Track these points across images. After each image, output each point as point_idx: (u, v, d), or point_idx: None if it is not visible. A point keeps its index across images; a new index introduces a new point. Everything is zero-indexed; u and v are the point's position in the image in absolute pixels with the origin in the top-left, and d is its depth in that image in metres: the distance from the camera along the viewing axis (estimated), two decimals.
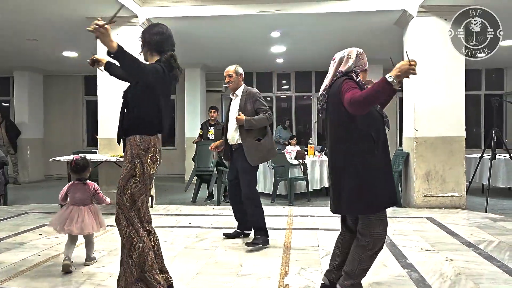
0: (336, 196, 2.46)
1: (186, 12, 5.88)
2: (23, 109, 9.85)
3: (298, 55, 8.78)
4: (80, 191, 3.23)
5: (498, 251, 3.60)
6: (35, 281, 2.95)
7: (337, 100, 2.36)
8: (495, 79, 10.38)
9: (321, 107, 2.47)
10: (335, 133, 2.45)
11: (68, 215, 3.16)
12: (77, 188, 3.24)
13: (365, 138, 2.36)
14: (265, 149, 3.86)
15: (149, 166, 2.40)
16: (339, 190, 2.43)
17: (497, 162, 6.65)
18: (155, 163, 2.43)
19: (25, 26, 6.35)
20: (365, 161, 2.34)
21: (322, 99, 2.47)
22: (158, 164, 2.45)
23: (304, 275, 3.04)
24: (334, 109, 2.41)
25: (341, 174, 2.42)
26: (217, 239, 4.07)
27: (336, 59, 2.52)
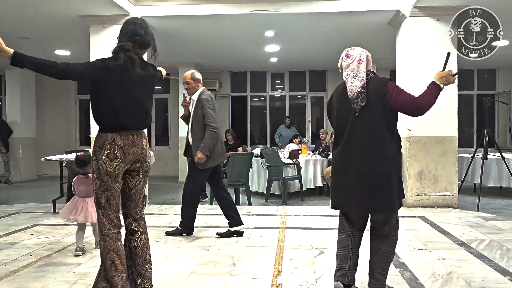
0: (374, 196, 2.41)
1: (179, 11, 5.86)
2: (15, 108, 9.76)
3: (292, 55, 8.79)
4: (84, 183, 3.53)
5: (490, 249, 3.63)
6: (27, 281, 2.92)
7: (379, 99, 2.41)
8: (487, 79, 10.47)
9: (361, 106, 2.41)
10: (376, 132, 2.43)
11: (74, 206, 3.48)
12: (81, 181, 3.56)
13: (398, 137, 2.51)
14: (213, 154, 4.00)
15: (105, 163, 2.33)
16: (381, 190, 2.40)
17: (489, 162, 6.71)
18: (113, 161, 2.33)
19: (17, 24, 6.29)
20: (401, 161, 2.53)
21: (363, 97, 2.41)
22: (118, 161, 2.34)
23: (297, 274, 3.04)
24: (376, 108, 2.41)
25: (386, 174, 2.41)
26: (210, 239, 4.06)
27: (357, 56, 2.50)
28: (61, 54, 8.37)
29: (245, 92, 11.00)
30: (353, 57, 2.51)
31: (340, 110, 2.55)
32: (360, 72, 2.46)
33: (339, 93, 2.57)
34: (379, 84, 2.44)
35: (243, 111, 11.08)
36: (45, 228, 4.58)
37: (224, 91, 10.83)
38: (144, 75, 2.45)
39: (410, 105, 2.40)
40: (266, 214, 5.32)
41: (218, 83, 10.58)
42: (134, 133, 2.41)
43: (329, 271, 3.10)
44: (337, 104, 2.58)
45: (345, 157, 2.50)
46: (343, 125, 2.51)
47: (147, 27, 2.50)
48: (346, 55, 2.54)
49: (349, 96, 2.46)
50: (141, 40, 2.44)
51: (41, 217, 5.23)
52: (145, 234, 2.52)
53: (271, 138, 11.03)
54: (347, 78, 2.49)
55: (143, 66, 2.46)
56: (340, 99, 2.54)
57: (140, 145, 2.43)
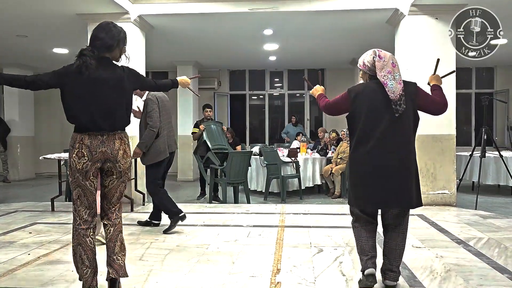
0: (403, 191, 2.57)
1: (178, 9, 5.85)
2: (13, 106, 9.74)
3: (290, 53, 8.78)
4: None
5: (488, 247, 3.64)
6: (25, 280, 2.92)
7: (412, 102, 2.60)
8: (485, 77, 10.48)
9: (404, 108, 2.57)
10: (407, 133, 2.63)
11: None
12: None
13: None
14: (153, 151, 4.26)
15: (74, 161, 2.48)
16: (410, 186, 2.58)
17: (487, 160, 6.72)
18: (81, 159, 2.47)
19: (15, 22, 6.27)
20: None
21: (404, 100, 2.57)
22: (85, 160, 2.47)
23: (296, 272, 3.05)
24: (409, 110, 2.59)
25: (413, 172, 2.63)
26: (209, 237, 4.07)
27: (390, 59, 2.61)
28: (59, 52, 8.35)
29: (244, 90, 10.99)
30: (386, 58, 2.59)
31: (375, 110, 2.58)
32: (396, 75, 2.56)
33: (373, 92, 2.59)
34: (411, 87, 2.63)
35: (242, 109, 11.07)
36: (43, 227, 4.57)
37: (222, 89, 10.82)
38: (107, 77, 2.51)
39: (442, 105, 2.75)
40: (265, 212, 5.32)
41: (217, 82, 10.57)
42: (104, 134, 2.51)
43: (328, 269, 3.11)
44: (370, 104, 2.59)
45: (379, 155, 2.56)
46: (376, 124, 2.56)
47: (110, 29, 2.56)
48: (378, 55, 2.60)
49: (391, 97, 2.53)
50: (101, 44, 2.51)
51: (40, 215, 5.22)
52: (114, 227, 2.61)
53: (270, 137, 11.03)
54: (385, 79, 2.55)
55: (106, 68, 2.52)
56: (375, 99, 2.58)
57: (110, 146, 2.52)
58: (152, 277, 2.96)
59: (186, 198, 7.06)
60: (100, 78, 2.48)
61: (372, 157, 2.57)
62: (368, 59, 2.64)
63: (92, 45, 2.52)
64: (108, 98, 2.52)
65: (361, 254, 2.69)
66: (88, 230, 2.52)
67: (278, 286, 2.79)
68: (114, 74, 2.55)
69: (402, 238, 2.67)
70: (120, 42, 2.59)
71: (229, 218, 4.94)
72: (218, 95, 10.74)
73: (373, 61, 2.61)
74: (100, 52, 2.51)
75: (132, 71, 2.69)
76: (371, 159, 2.57)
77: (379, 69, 2.57)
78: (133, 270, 3.11)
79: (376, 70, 2.58)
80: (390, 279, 2.66)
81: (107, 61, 2.54)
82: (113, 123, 2.55)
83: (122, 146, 2.58)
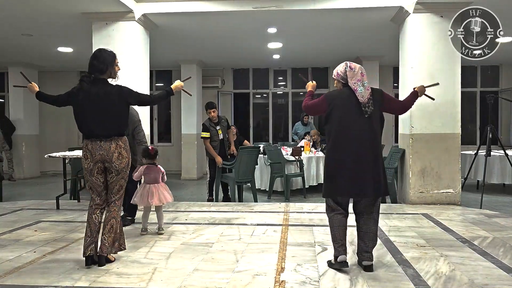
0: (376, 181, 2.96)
1: (181, 7, 5.85)
2: (18, 105, 9.79)
3: (294, 52, 8.77)
4: (154, 171, 4.12)
5: (493, 247, 3.63)
6: (31, 278, 2.94)
7: (378, 104, 3.03)
8: (491, 76, 10.42)
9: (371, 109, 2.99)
10: (376, 130, 3.03)
11: (148, 191, 4.04)
12: (151, 170, 4.11)
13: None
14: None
15: (83, 162, 3.23)
16: (380, 177, 2.97)
17: (492, 159, 6.69)
18: (86, 159, 3.18)
19: (20, 21, 6.30)
20: None
21: (372, 103, 3.00)
22: (88, 161, 3.17)
23: (301, 271, 3.05)
24: (376, 112, 3.02)
25: (381, 164, 3.01)
26: (213, 236, 4.07)
27: (359, 70, 3.04)
28: (63, 51, 8.38)
29: (248, 89, 10.98)
30: (356, 69, 3.03)
31: (348, 111, 3.00)
32: (365, 83, 3.01)
33: (346, 97, 3.02)
34: (377, 93, 3.08)
35: (246, 108, 11.07)
36: (49, 225, 4.60)
37: (226, 88, 10.82)
38: (99, 93, 3.13)
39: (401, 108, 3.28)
40: (269, 211, 5.32)
41: (221, 80, 10.58)
42: (102, 140, 3.15)
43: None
44: (343, 108, 3.02)
45: (356, 150, 2.96)
46: (351, 124, 2.99)
47: (101, 55, 3.21)
48: (349, 67, 3.04)
49: (360, 101, 2.97)
50: (94, 69, 3.18)
51: (45, 213, 5.25)
52: (109, 213, 3.23)
53: (273, 135, 11.03)
54: (356, 86, 2.99)
55: (98, 87, 3.15)
56: (348, 103, 3.01)
57: (106, 149, 3.15)
58: (157, 275, 2.97)
59: (190, 196, 7.08)
60: (93, 95, 3.12)
61: (347, 152, 2.97)
62: (341, 69, 3.08)
63: (89, 71, 3.18)
64: (100, 111, 3.13)
65: (334, 242, 3.05)
66: (96, 210, 3.22)
67: (283, 284, 2.79)
68: (105, 92, 3.14)
69: (374, 222, 3.05)
70: (109, 65, 3.20)
71: (233, 217, 4.95)
72: (222, 94, 10.74)
73: (345, 71, 3.04)
74: (96, 75, 3.16)
75: (123, 89, 3.23)
76: (347, 153, 2.97)
77: (350, 78, 3.02)
78: (138, 268, 3.13)
79: (348, 78, 3.03)
80: (366, 260, 3.02)
81: (101, 81, 3.18)
82: (107, 131, 3.15)
83: (118, 150, 3.17)
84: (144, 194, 4.04)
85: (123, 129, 3.26)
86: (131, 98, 3.26)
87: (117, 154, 3.16)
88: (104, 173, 3.22)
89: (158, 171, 4.15)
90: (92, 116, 3.13)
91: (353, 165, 2.94)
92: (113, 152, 3.15)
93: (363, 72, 3.04)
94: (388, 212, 5.18)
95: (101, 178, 3.21)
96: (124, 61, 4.02)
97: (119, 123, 3.22)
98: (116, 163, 3.16)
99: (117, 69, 3.28)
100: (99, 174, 3.19)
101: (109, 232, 3.17)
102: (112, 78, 3.26)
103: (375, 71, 9.27)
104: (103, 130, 3.14)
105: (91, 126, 3.15)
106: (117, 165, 3.17)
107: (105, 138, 3.14)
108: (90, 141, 3.15)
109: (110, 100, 3.14)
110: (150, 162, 4.15)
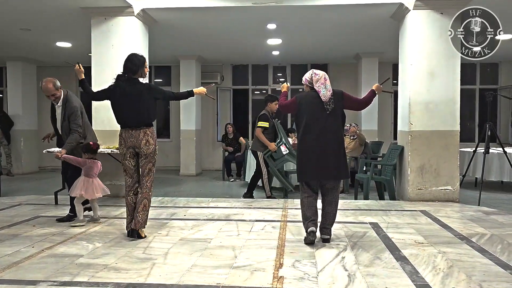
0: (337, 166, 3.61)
1: (181, 3, 5.83)
2: (16, 100, 9.75)
3: (294, 48, 8.75)
4: (95, 166, 4.34)
5: (490, 244, 3.64)
6: (30, 273, 2.94)
7: (338, 103, 3.66)
8: (490, 73, 10.42)
9: (332, 107, 3.61)
10: (337, 124, 3.65)
11: (92, 184, 4.27)
12: (95, 165, 4.34)
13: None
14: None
15: (119, 147, 3.88)
16: (339, 163, 3.62)
17: (491, 156, 6.70)
18: (121, 146, 3.83)
19: (18, 16, 6.27)
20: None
21: (332, 102, 3.62)
22: (122, 147, 3.81)
23: (299, 267, 3.05)
24: (337, 109, 3.65)
25: (342, 152, 3.67)
26: (211, 231, 4.08)
27: (323, 75, 3.66)
28: (62, 46, 8.35)
29: (247, 85, 10.96)
30: (320, 75, 3.66)
31: (315, 110, 3.62)
32: (327, 86, 3.64)
33: (312, 98, 3.65)
34: (338, 94, 3.69)
35: (245, 104, 11.06)
36: (47, 220, 4.59)
37: (225, 84, 10.79)
38: (131, 90, 3.73)
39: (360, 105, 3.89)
40: (267, 207, 5.33)
41: (220, 76, 10.55)
42: (133, 129, 3.74)
43: (331, 264, 3.11)
44: (310, 106, 3.64)
45: (320, 141, 3.58)
46: (316, 119, 3.60)
47: (133, 59, 3.81)
48: (314, 73, 3.68)
49: (323, 100, 3.59)
50: (128, 70, 3.79)
51: (43, 209, 5.24)
52: (141, 194, 3.79)
53: None
54: (319, 88, 3.62)
55: (131, 84, 3.75)
56: (313, 102, 3.63)
57: (136, 137, 3.73)
58: (155, 271, 2.98)
59: (189, 192, 7.08)
60: (126, 91, 3.72)
61: (314, 142, 3.58)
62: (308, 76, 3.71)
63: (124, 71, 3.79)
64: (132, 105, 3.72)
65: (304, 219, 3.62)
66: (130, 192, 3.84)
67: (281, 280, 2.79)
68: (136, 89, 3.73)
69: (334, 205, 3.68)
70: (140, 67, 3.80)
71: (232, 213, 4.96)
72: (221, 90, 10.72)
73: (311, 77, 3.67)
74: (129, 74, 3.76)
75: (151, 86, 3.89)
76: (314, 143, 3.58)
77: (315, 82, 3.64)
78: (136, 263, 3.13)
79: (313, 83, 3.65)
80: (325, 234, 3.66)
81: (133, 80, 3.77)
82: (137, 121, 3.73)
83: (145, 137, 3.73)
84: (89, 187, 4.24)
85: (151, 120, 3.82)
86: (158, 94, 3.86)
87: (145, 141, 3.73)
88: (136, 157, 3.81)
89: (98, 166, 4.38)
90: (126, 109, 3.73)
91: (318, 152, 3.57)
92: (141, 139, 3.71)
93: (326, 77, 3.65)
94: (386, 209, 5.19)
95: (132, 162, 3.81)
96: (123, 56, 4.05)
97: (147, 115, 3.78)
98: (144, 148, 3.73)
99: (146, 70, 3.87)
100: (131, 158, 3.80)
101: (143, 210, 3.75)
102: (143, 77, 3.87)
103: (375, 67, 9.25)
104: (133, 121, 3.72)
105: (125, 118, 3.76)
106: (144, 150, 3.73)
107: (136, 128, 3.72)
108: (124, 130, 3.77)
109: (140, 96, 3.71)
110: (91, 157, 4.34)
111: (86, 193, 4.23)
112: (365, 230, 4.13)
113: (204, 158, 10.56)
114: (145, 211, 3.77)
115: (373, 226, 4.29)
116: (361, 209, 5.15)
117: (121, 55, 5.76)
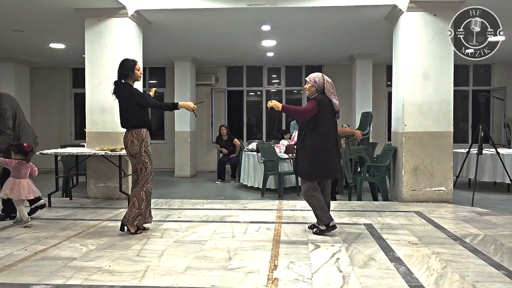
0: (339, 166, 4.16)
1: (175, 4, 5.82)
2: None
3: (288, 49, 8.76)
4: (25, 167, 4.38)
5: (484, 244, 3.66)
6: (22, 276, 2.91)
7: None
8: (483, 75, 10.49)
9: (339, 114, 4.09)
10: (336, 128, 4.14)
11: (19, 185, 4.29)
12: (23, 166, 4.36)
13: None
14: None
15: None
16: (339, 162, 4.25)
17: (484, 157, 6.75)
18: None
19: (11, 16, 6.22)
20: None
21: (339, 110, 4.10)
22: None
23: (294, 268, 3.05)
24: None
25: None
26: (206, 233, 4.07)
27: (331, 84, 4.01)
28: (55, 47, 8.30)
29: (242, 86, 10.95)
30: (330, 83, 3.98)
31: (328, 114, 3.96)
32: (336, 96, 4.00)
33: (327, 103, 3.94)
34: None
35: (239, 105, 11.05)
36: (40, 223, 4.55)
37: (220, 85, 10.78)
38: (123, 94, 3.99)
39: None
40: (262, 208, 5.33)
41: (214, 78, 10.54)
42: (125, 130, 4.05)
43: (325, 265, 3.12)
44: (327, 111, 3.93)
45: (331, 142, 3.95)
46: (329, 123, 3.96)
47: (124, 63, 4.04)
48: (326, 80, 3.96)
49: (335, 109, 3.99)
50: (120, 75, 4.03)
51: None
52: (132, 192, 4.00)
53: (267, 133, 11.02)
54: (331, 97, 3.95)
55: (122, 88, 3.99)
56: (328, 108, 3.94)
57: (125, 137, 4.01)
58: (150, 273, 2.96)
59: (183, 194, 7.06)
60: (120, 95, 4.00)
61: (330, 144, 3.93)
62: (320, 79, 3.95)
63: (118, 76, 4.04)
64: (122, 108, 4.02)
65: (324, 211, 3.94)
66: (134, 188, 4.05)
67: (275, 282, 2.79)
68: (125, 93, 3.98)
69: (328, 196, 4.12)
70: (130, 70, 4.00)
71: (227, 214, 4.95)
72: (215, 91, 10.71)
73: (323, 82, 3.93)
74: (122, 79, 4.01)
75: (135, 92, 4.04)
76: (331, 145, 3.93)
77: (327, 90, 3.95)
78: (130, 266, 3.11)
79: (325, 89, 3.94)
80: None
81: (125, 84, 4.01)
82: (126, 123, 4.01)
83: (131, 138, 3.95)
84: (15, 188, 4.26)
85: (136, 123, 3.97)
86: (141, 100, 4.02)
87: (130, 141, 3.96)
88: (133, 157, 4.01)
89: (28, 167, 4.40)
90: (120, 111, 4.05)
91: (333, 153, 3.94)
92: (128, 140, 3.97)
93: (333, 85, 4.01)
94: (380, 209, 5.20)
95: (132, 161, 4.05)
96: (116, 58, 4.04)
97: (132, 118, 3.99)
98: (130, 148, 3.96)
99: (138, 73, 4.05)
100: (129, 157, 4.06)
101: (130, 207, 3.95)
102: (137, 80, 4.08)
103: (369, 69, 9.29)
104: (123, 123, 4.04)
105: (120, 119, 4.08)
106: (130, 150, 3.97)
107: (126, 129, 4.02)
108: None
109: (127, 100, 3.98)
110: (23, 158, 4.37)
111: (11, 193, 4.26)
112: (360, 231, 4.14)
113: (199, 159, 10.54)
114: (133, 208, 3.93)
115: (367, 227, 4.30)
116: (355, 210, 5.17)
117: (115, 57, 5.76)
